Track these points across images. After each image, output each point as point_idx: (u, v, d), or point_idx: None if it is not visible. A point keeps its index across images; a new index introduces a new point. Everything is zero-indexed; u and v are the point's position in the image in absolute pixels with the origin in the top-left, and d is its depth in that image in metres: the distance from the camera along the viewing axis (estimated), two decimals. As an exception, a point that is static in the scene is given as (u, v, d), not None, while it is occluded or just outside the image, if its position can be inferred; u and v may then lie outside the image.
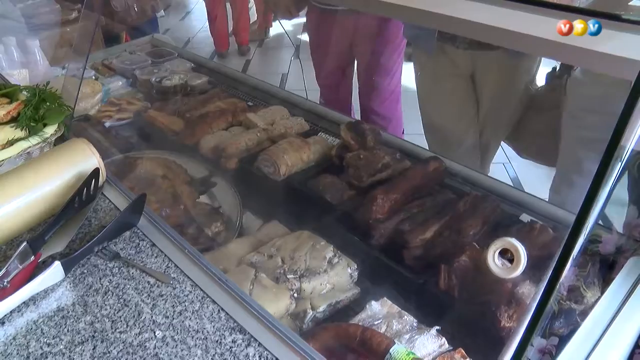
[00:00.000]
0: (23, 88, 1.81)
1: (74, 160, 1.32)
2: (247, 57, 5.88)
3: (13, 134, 1.54)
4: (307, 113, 2.19)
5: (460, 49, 2.22)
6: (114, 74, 2.80)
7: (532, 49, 0.99)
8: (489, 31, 0.87)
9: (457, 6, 0.89)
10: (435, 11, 0.90)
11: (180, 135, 2.08)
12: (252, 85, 2.51)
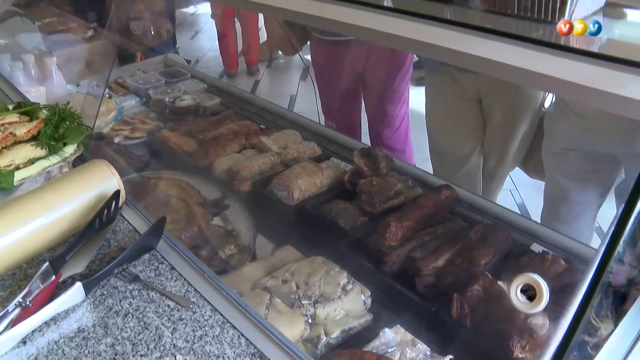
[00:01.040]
0: (43, 106, 1.84)
1: (94, 181, 1.34)
2: (256, 78, 5.93)
3: (34, 153, 1.57)
4: (318, 137, 2.22)
5: (466, 72, 2.24)
6: (127, 93, 2.83)
7: (546, 87, 1.01)
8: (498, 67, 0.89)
9: (466, 42, 0.91)
10: (445, 46, 0.92)
11: (193, 156, 2.10)
12: (264, 107, 2.54)
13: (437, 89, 2.46)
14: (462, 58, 0.90)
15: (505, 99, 2.28)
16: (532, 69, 0.85)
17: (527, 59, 0.85)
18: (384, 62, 2.76)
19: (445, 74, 2.32)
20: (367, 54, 2.75)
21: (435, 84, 2.45)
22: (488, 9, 0.94)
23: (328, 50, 2.80)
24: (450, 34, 0.91)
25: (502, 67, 0.87)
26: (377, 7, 0.99)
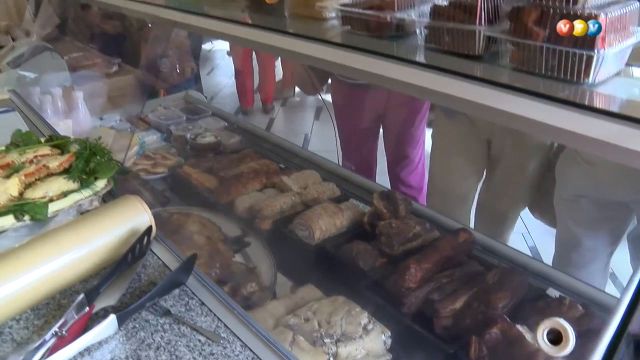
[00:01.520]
0: (73, 140, 1.90)
1: (127, 216, 1.39)
2: (271, 116, 6.02)
3: (66, 186, 1.62)
4: (336, 177, 2.27)
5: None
6: (149, 128, 2.90)
7: (565, 141, 1.06)
8: (521, 121, 0.94)
9: (493, 97, 0.96)
10: (463, 97, 0.98)
11: (214, 193, 2.15)
12: (284, 147, 2.60)
13: (449, 130, 2.51)
14: (487, 112, 0.95)
15: (515, 141, 2.31)
16: (552, 123, 0.90)
17: (547, 114, 0.90)
18: (404, 105, 2.83)
19: (461, 115, 2.37)
20: (387, 97, 2.82)
21: (449, 124, 2.50)
22: (516, 68, 1.00)
23: (348, 92, 2.86)
24: (477, 89, 0.97)
25: (525, 122, 0.92)
26: (409, 62, 1.05)
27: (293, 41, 1.22)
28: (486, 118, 0.95)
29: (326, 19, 1.34)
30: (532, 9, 0.96)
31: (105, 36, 3.91)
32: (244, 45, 1.56)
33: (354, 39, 1.19)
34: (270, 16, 1.47)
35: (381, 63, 1.06)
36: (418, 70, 1.02)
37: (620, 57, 0.97)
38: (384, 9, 1.15)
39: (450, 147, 2.53)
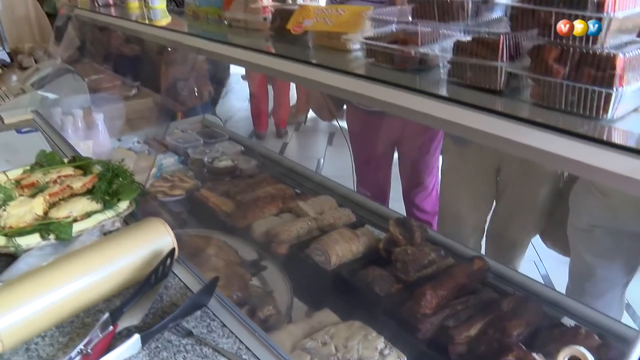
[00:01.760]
0: (96, 162, 1.95)
1: (150, 238, 1.42)
2: (285, 140, 6.07)
3: (90, 206, 1.66)
4: (350, 202, 2.30)
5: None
6: (166, 150, 2.94)
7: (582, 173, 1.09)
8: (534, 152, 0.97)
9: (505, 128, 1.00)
10: (485, 130, 1.01)
11: (231, 216, 2.18)
12: (299, 172, 2.63)
13: (459, 157, 2.54)
14: (508, 145, 0.99)
15: (523, 169, 2.34)
16: (571, 156, 0.93)
17: (567, 148, 0.93)
18: (420, 132, 2.86)
19: (469, 142, 2.40)
20: (403, 124, 2.85)
21: (458, 152, 2.53)
22: (537, 103, 1.03)
23: (365, 118, 2.89)
24: (499, 122, 1.00)
25: (545, 155, 0.96)
26: (433, 95, 1.08)
27: (319, 72, 1.26)
28: (507, 151, 0.98)
29: (350, 51, 1.39)
30: (552, 47, 1.00)
31: (124, 59, 3.99)
32: (268, 73, 1.61)
33: (379, 71, 1.22)
34: (294, 46, 1.51)
35: (405, 95, 1.09)
36: (441, 104, 1.05)
37: (638, 94, 1.00)
38: (408, 43, 1.19)
39: (460, 175, 2.56)
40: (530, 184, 2.35)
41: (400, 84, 1.11)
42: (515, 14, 1.05)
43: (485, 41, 1.08)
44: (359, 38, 1.31)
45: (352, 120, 3.07)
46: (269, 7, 1.70)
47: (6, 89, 3.19)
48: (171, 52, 3.60)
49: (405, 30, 1.24)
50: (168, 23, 2.29)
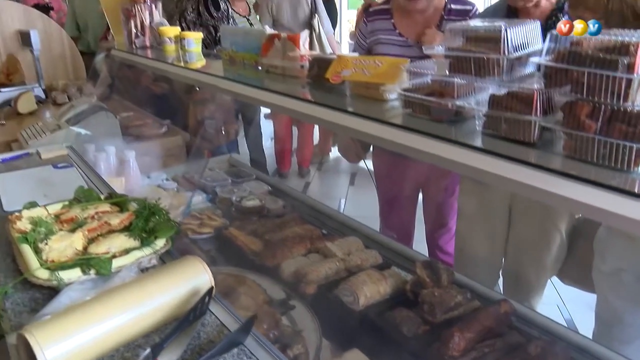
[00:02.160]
0: (132, 199, 2.01)
1: (188, 276, 1.47)
2: (307, 180, 6.15)
3: (128, 243, 1.72)
4: (376, 244, 2.33)
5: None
6: (195, 189, 3.01)
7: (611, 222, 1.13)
8: (567, 202, 1.01)
9: (539, 179, 1.04)
10: (520, 180, 1.06)
11: (260, 255, 2.22)
12: (324, 212, 2.68)
13: (474, 195, 2.58)
14: (542, 195, 1.03)
15: (533, 208, 2.36)
16: (603, 207, 0.97)
17: (599, 199, 0.98)
18: (445, 174, 2.90)
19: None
20: (429, 167, 2.88)
21: (474, 188, 2.57)
22: (569, 155, 1.08)
23: (391, 161, 2.95)
24: (533, 174, 1.05)
25: (578, 205, 1.00)
26: (468, 146, 1.13)
27: (359, 120, 1.32)
28: (541, 201, 1.03)
29: (387, 101, 1.45)
30: (584, 104, 1.05)
31: (154, 97, 4.09)
32: (305, 120, 1.67)
33: (416, 122, 1.28)
34: (331, 94, 1.57)
35: (443, 146, 1.15)
36: (478, 154, 1.10)
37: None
38: (445, 95, 1.24)
39: (474, 213, 2.60)
40: (541, 222, 2.37)
41: (438, 135, 1.17)
42: (548, 72, 1.10)
43: (520, 96, 1.13)
44: (397, 89, 1.37)
45: (379, 162, 3.13)
46: (306, 56, 1.78)
47: (43, 125, 3.29)
48: (199, 91, 3.71)
49: (441, 82, 1.30)
50: (203, 66, 2.38)
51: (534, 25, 1.28)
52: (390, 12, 2.86)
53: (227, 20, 3.87)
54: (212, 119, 3.68)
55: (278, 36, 1.86)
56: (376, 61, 1.47)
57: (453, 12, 2.77)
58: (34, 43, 4.36)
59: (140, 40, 2.88)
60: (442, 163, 1.14)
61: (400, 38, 2.80)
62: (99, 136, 3.16)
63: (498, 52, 1.18)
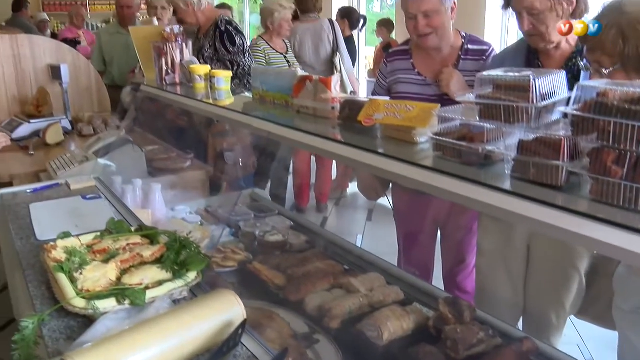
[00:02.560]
0: (162, 232, 2.07)
1: (222, 308, 1.52)
2: (325, 214, 6.20)
3: (160, 275, 1.77)
4: (396, 279, 2.37)
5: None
6: (218, 222, 3.07)
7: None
8: (594, 244, 1.06)
9: (567, 221, 1.10)
10: (548, 222, 1.11)
11: (284, 289, 2.27)
12: (345, 248, 2.73)
13: (493, 232, 2.61)
14: (571, 237, 1.08)
15: (552, 247, 2.38)
16: (630, 249, 1.02)
17: (625, 241, 1.03)
18: (465, 212, 2.92)
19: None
20: (450, 205, 2.92)
21: (493, 226, 2.60)
22: (595, 199, 1.13)
23: (411, 198, 2.98)
24: (561, 216, 1.10)
25: (605, 246, 1.05)
26: (498, 189, 1.19)
27: (392, 162, 1.39)
28: (569, 242, 1.08)
29: (417, 144, 1.51)
30: (610, 151, 1.10)
31: (178, 131, 4.18)
32: (334, 159, 1.74)
33: (447, 165, 1.34)
34: (362, 136, 1.64)
35: (473, 188, 1.20)
36: (507, 197, 1.16)
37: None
38: (475, 140, 1.31)
39: (493, 251, 2.63)
40: (559, 261, 2.39)
41: (469, 177, 1.22)
42: (576, 120, 1.16)
43: (548, 141, 1.19)
44: (428, 133, 1.43)
45: (399, 199, 3.17)
46: (337, 98, 1.85)
47: (71, 156, 3.38)
48: (218, 124, 3.79)
49: (471, 127, 1.36)
50: (232, 103, 2.46)
51: (560, 75, 1.35)
52: (410, 52, 2.95)
53: (242, 55, 3.95)
54: (230, 152, 3.77)
55: (310, 78, 1.94)
56: (407, 106, 1.54)
57: (470, 52, 2.84)
58: (64, 76, 4.50)
59: (171, 77, 2.98)
60: (472, 205, 1.20)
61: (419, 77, 2.88)
62: (125, 168, 3.24)
63: (527, 101, 1.25)
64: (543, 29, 2.24)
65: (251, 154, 4.07)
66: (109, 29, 6.43)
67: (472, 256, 3.06)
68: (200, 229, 2.89)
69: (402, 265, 3.13)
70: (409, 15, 2.69)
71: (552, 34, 2.25)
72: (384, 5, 10.64)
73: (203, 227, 2.96)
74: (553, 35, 2.25)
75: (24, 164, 3.77)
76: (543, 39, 2.28)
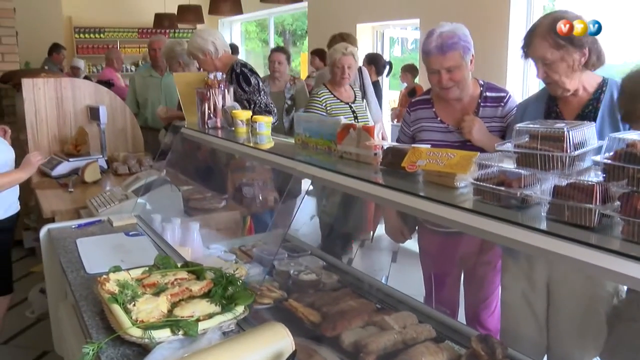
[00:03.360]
0: (207, 268, 2.19)
1: (273, 340, 1.63)
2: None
3: (210, 308, 1.89)
4: (426, 317, 2.45)
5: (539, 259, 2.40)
6: (251, 261, 3.17)
7: None
8: (627, 280, 1.16)
9: (601, 259, 1.20)
10: (583, 260, 1.22)
11: (320, 326, 2.36)
12: (376, 286, 2.82)
13: (513, 270, 2.67)
14: (604, 273, 1.19)
15: (574, 284, 2.41)
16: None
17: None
18: (491, 253, 2.99)
19: (521, 257, 2.53)
20: (479, 246, 3.01)
21: (512, 265, 2.67)
22: (626, 239, 1.23)
23: (438, 240, 3.08)
24: (595, 254, 1.21)
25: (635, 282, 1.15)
26: (536, 229, 1.30)
27: (435, 205, 1.51)
28: (601, 278, 1.18)
29: (457, 188, 1.62)
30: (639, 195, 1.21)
31: (213, 172, 4.32)
32: (377, 201, 1.86)
33: (487, 207, 1.46)
34: (405, 181, 1.75)
35: (511, 228, 1.32)
36: (543, 237, 1.27)
37: None
38: (513, 185, 1.42)
39: (516, 290, 2.66)
40: (581, 302, 2.41)
41: (508, 219, 1.34)
42: (607, 168, 1.27)
43: (581, 187, 1.30)
44: (468, 179, 1.55)
45: (426, 241, 3.26)
46: (379, 145, 1.98)
47: (110, 194, 3.53)
48: (238, 160, 3.93)
49: (508, 173, 1.48)
50: (273, 147, 2.60)
51: (590, 127, 1.48)
52: (431, 101, 3.06)
53: (258, 94, 4.09)
54: (251, 185, 3.90)
55: (353, 126, 2.07)
56: (448, 153, 1.66)
57: (489, 99, 2.95)
58: (102, 117, 4.71)
59: (213, 121, 3.13)
60: (511, 244, 1.31)
61: (442, 124, 2.99)
62: (163, 207, 3.38)
63: (561, 150, 1.37)
64: (556, 77, 2.36)
65: (271, 189, 4.18)
66: (142, 72, 6.68)
67: (496, 295, 3.10)
68: (237, 267, 3.00)
69: (429, 304, 3.20)
70: (432, 70, 2.82)
71: (566, 82, 2.36)
72: (404, 50, 10.82)
73: (238, 265, 3.06)
74: (567, 83, 2.37)
75: (64, 200, 3.94)
76: (558, 86, 2.39)
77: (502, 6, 6.21)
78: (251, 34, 15.08)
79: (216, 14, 9.36)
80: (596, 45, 2.34)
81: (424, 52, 2.82)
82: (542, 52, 2.33)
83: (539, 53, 2.34)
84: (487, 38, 5.99)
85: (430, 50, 2.78)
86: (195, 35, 4.28)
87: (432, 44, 2.78)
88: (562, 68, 2.33)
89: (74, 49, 12.49)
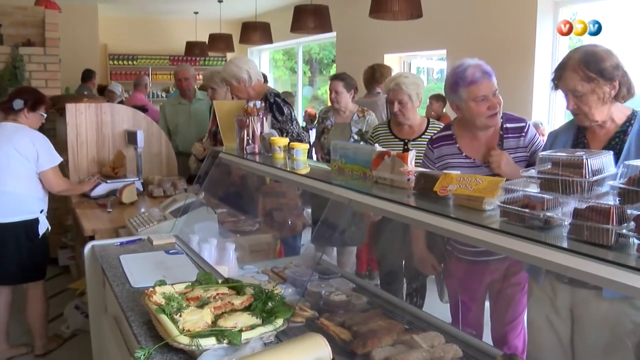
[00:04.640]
0: (247, 284, 2.33)
1: (312, 349, 1.76)
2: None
3: (251, 320, 2.02)
4: (452, 338, 2.55)
5: (560, 282, 2.50)
6: (284, 282, 3.30)
7: None
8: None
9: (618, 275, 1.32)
10: (601, 275, 1.34)
11: (350, 344, 2.47)
12: (405, 309, 2.92)
13: (537, 294, 2.73)
14: (621, 288, 1.31)
15: (598, 314, 2.45)
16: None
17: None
18: (518, 276, 3.03)
19: (545, 282, 2.61)
20: (506, 271, 3.06)
21: (536, 289, 2.73)
22: (641, 256, 1.36)
23: (467, 267, 3.15)
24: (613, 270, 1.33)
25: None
26: (557, 247, 1.43)
27: (465, 226, 1.65)
28: (619, 292, 1.29)
29: (485, 211, 1.76)
30: (653, 218, 1.34)
31: (244, 195, 4.48)
32: (411, 223, 2.00)
33: (512, 228, 1.59)
34: (435, 204, 1.89)
35: (535, 247, 1.45)
36: (564, 254, 1.40)
37: None
38: (536, 208, 1.56)
39: (539, 312, 2.73)
40: (604, 328, 2.46)
41: (532, 238, 1.47)
42: (623, 192, 1.41)
43: (599, 209, 1.43)
44: (496, 202, 1.69)
45: (454, 268, 3.32)
46: (412, 171, 2.12)
47: (149, 215, 3.70)
48: (269, 185, 4.08)
49: (532, 197, 1.62)
50: (310, 172, 2.75)
51: (608, 155, 1.61)
52: (454, 137, 3.12)
53: (290, 123, 4.23)
54: (280, 210, 4.03)
55: (388, 153, 2.21)
56: (477, 179, 1.80)
57: (510, 130, 3.02)
58: (139, 141, 4.92)
59: (251, 147, 3.29)
60: (535, 261, 1.44)
61: (468, 160, 3.05)
62: (200, 228, 3.54)
63: (581, 176, 1.50)
64: (586, 109, 2.42)
65: (300, 214, 4.32)
66: (171, 101, 6.95)
67: (522, 316, 3.15)
68: (274, 286, 3.13)
69: (456, 326, 3.28)
70: (480, 98, 2.86)
71: (595, 114, 2.43)
72: (430, 79, 10.92)
73: (271, 285, 3.19)
74: (596, 115, 2.43)
75: (103, 220, 4.15)
76: (587, 117, 2.46)
77: (528, 36, 6.24)
78: (278, 62, 15.38)
79: (247, 44, 9.63)
80: (626, 77, 2.41)
81: (469, 82, 2.86)
82: (573, 85, 2.40)
83: (570, 86, 2.41)
84: (513, 69, 6.09)
85: (477, 78, 2.85)
86: (229, 62, 4.45)
87: (475, 73, 2.86)
88: (592, 100, 2.40)
89: (108, 74, 12.88)
